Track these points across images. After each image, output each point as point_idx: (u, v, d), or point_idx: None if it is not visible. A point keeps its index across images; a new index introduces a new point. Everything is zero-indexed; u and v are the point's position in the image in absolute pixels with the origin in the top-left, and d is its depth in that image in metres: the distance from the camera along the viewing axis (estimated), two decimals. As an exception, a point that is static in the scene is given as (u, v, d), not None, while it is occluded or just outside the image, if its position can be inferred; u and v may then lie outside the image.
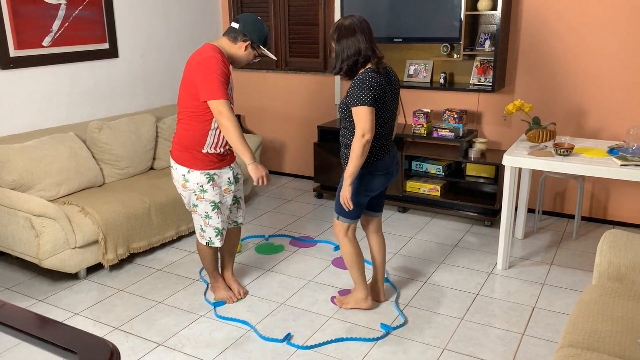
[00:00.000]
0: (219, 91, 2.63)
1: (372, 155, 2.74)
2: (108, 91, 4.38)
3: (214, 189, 2.87)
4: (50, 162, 3.55)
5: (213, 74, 2.63)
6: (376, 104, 2.62)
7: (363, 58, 2.66)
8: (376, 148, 2.75)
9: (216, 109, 2.65)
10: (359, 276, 2.98)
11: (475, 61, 4.29)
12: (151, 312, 3.08)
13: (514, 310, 3.04)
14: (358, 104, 2.59)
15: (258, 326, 2.92)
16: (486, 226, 4.21)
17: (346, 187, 2.69)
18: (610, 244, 2.46)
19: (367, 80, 2.60)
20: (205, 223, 2.94)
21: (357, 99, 2.59)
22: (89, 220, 3.34)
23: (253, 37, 2.82)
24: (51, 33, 3.90)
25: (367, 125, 2.58)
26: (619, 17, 3.81)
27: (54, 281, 3.42)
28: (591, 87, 4.01)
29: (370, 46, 2.67)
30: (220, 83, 2.64)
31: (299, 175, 5.41)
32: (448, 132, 4.22)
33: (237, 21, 2.82)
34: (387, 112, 2.73)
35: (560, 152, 3.25)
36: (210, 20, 5.27)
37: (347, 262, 2.96)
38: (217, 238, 2.98)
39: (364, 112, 2.58)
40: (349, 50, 2.65)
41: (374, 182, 2.80)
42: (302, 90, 5.20)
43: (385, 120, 2.74)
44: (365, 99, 2.57)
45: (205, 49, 2.74)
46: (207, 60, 2.66)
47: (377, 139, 2.74)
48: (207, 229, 2.96)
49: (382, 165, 2.79)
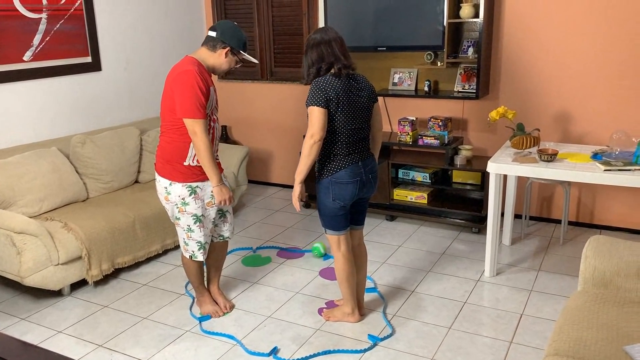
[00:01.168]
0: (195, 110, 2.64)
1: (335, 164, 2.74)
2: (91, 105, 4.34)
3: (196, 202, 2.84)
4: (32, 177, 3.51)
5: (188, 91, 2.63)
6: (330, 107, 2.65)
7: (326, 65, 2.70)
8: (340, 156, 2.74)
9: (191, 128, 2.67)
10: (348, 292, 2.95)
11: (459, 68, 4.30)
12: (136, 328, 3.04)
13: (502, 318, 3.03)
14: (309, 104, 2.65)
15: (244, 340, 2.88)
16: (474, 233, 4.20)
17: (295, 186, 2.76)
18: (595, 249, 2.46)
19: (321, 83, 2.66)
20: (188, 236, 2.91)
21: (309, 99, 2.65)
22: (72, 236, 3.30)
23: (232, 43, 2.78)
24: (32, 47, 3.87)
25: (316, 125, 2.62)
26: (601, 24, 3.83)
27: (37, 299, 3.37)
28: (574, 92, 4.02)
29: (333, 53, 2.70)
30: (196, 101, 2.63)
31: (287, 185, 5.39)
32: (434, 139, 4.22)
33: (214, 29, 2.79)
34: (350, 119, 2.71)
35: (544, 158, 3.26)
36: (194, 32, 5.25)
37: (338, 277, 2.94)
38: (200, 252, 2.95)
39: (314, 113, 2.63)
40: (313, 58, 2.72)
41: (344, 191, 2.76)
42: (288, 100, 5.19)
43: (350, 128, 2.72)
44: (316, 100, 2.62)
45: (183, 63, 2.73)
46: (183, 74, 2.65)
47: (341, 147, 2.73)
48: (190, 243, 2.93)
49: (347, 174, 2.74)
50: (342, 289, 2.97)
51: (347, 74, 2.72)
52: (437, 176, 4.43)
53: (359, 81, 2.79)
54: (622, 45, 3.80)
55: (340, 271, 2.90)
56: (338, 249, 2.88)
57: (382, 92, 4.45)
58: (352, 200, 2.83)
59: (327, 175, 2.76)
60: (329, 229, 2.86)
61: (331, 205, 2.79)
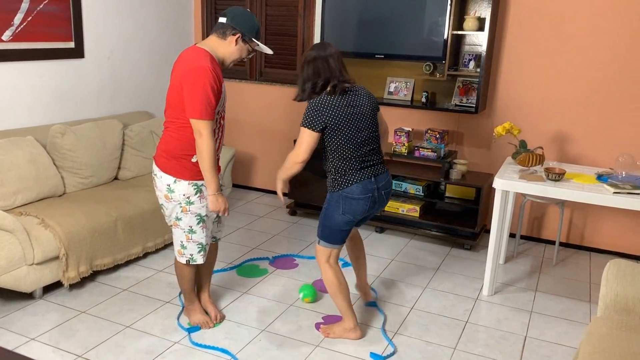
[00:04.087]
0: (203, 111, 2.46)
1: (347, 178, 2.65)
2: (72, 93, 4.05)
3: (201, 201, 2.64)
4: (6, 168, 3.21)
5: (200, 91, 2.44)
6: (327, 128, 2.59)
7: (322, 80, 2.64)
8: (352, 171, 2.65)
9: (197, 128, 2.48)
10: (344, 305, 2.80)
11: (458, 82, 4.23)
12: (118, 338, 2.78)
13: (506, 340, 2.93)
14: (302, 125, 2.60)
15: (239, 355, 2.68)
16: (466, 249, 4.12)
17: (277, 183, 2.74)
18: (616, 274, 2.38)
19: (318, 104, 2.59)
20: (188, 238, 2.69)
21: (304, 120, 2.60)
22: (49, 234, 3.02)
23: (243, 30, 2.57)
24: (12, 27, 3.57)
25: (303, 148, 2.59)
26: (604, 44, 3.83)
27: (4, 301, 3.07)
28: (573, 112, 4.01)
29: (329, 68, 2.63)
30: (206, 102, 2.45)
31: (271, 191, 5.19)
32: (430, 152, 4.12)
33: (225, 15, 2.58)
34: (356, 132, 2.64)
35: (552, 177, 3.19)
36: (183, 23, 5.02)
37: (330, 291, 2.79)
38: (200, 254, 2.74)
39: (304, 135, 2.59)
40: (309, 74, 2.66)
41: (355, 206, 2.67)
42: (277, 103, 5.01)
43: (357, 142, 2.64)
44: (310, 123, 2.58)
45: (197, 56, 2.51)
46: (197, 71, 2.45)
47: (351, 162, 2.65)
48: (189, 245, 2.70)
49: (359, 189, 2.65)
50: (337, 304, 2.82)
51: (342, 90, 2.64)
52: (430, 189, 4.33)
53: (359, 93, 2.71)
54: (624, 67, 3.80)
55: (331, 284, 2.76)
56: (326, 261, 2.76)
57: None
58: (362, 216, 2.72)
59: (339, 189, 2.67)
60: (325, 241, 2.75)
61: (339, 219, 2.69)
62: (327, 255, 2.76)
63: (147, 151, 4.11)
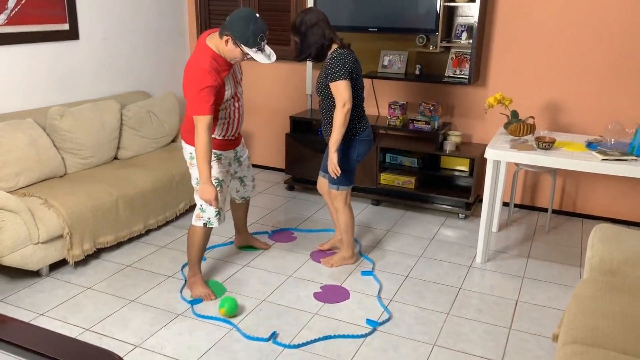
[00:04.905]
0: (199, 108, 2.68)
1: (360, 124, 3.14)
2: (68, 75, 4.09)
3: (219, 166, 2.96)
4: (7, 150, 3.28)
5: (195, 91, 2.66)
6: (352, 76, 2.99)
7: (328, 41, 3.03)
8: (361, 117, 3.15)
9: (195, 123, 2.72)
10: (351, 238, 3.37)
11: (451, 53, 4.26)
12: (124, 312, 2.89)
13: (498, 305, 3.03)
14: (336, 79, 2.94)
15: (241, 325, 2.79)
16: (460, 219, 4.21)
17: (333, 154, 3.03)
18: (602, 238, 2.47)
19: (342, 56, 2.96)
20: None
21: (335, 75, 2.94)
22: (53, 214, 3.10)
23: (234, 33, 2.69)
24: (6, 10, 3.60)
25: (346, 95, 2.95)
26: (596, 13, 3.85)
27: (12, 279, 3.18)
28: (564, 81, 4.05)
29: (330, 30, 3.04)
30: (200, 100, 2.66)
31: (268, 167, 5.27)
32: (424, 124, 4.18)
33: (230, 14, 2.75)
34: (361, 84, 3.13)
35: (542, 145, 3.26)
36: (176, 3, 5.02)
37: (345, 226, 3.31)
38: (216, 218, 2.97)
39: (343, 86, 2.94)
40: (315, 37, 3.00)
41: (365, 148, 3.18)
42: (272, 79, 5.05)
43: (362, 93, 3.15)
44: (342, 74, 2.94)
45: (201, 55, 2.72)
46: (194, 73, 2.69)
47: (359, 109, 3.13)
48: (208, 209, 2.93)
49: (369, 132, 3.19)
50: (346, 237, 3.35)
51: (348, 45, 3.07)
52: (424, 161, 4.40)
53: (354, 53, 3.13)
54: (616, 36, 3.83)
55: (348, 220, 3.29)
56: (345, 203, 3.27)
57: (370, 74, 4.37)
58: (364, 157, 3.23)
59: (355, 134, 3.14)
60: (343, 185, 3.21)
61: (353, 162, 3.18)
62: (346, 197, 3.25)
63: (145, 130, 4.17)
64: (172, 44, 5.05)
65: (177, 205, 3.97)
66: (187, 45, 5.25)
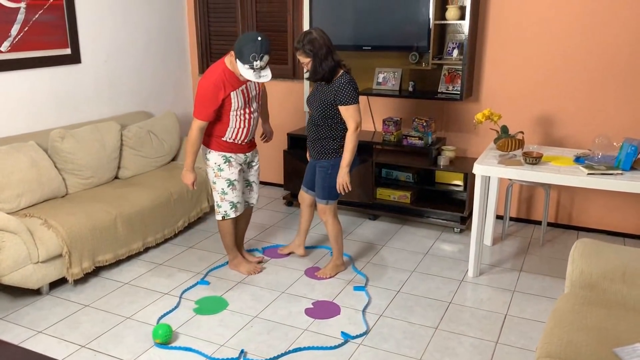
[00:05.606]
0: (199, 112, 3.19)
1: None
2: (70, 98, 4.23)
3: (229, 168, 3.33)
4: (9, 172, 3.40)
5: (200, 96, 3.17)
6: None
7: (334, 62, 3.20)
8: None
9: (192, 123, 3.23)
10: (340, 246, 3.56)
11: (443, 70, 4.33)
12: (119, 329, 2.97)
13: (487, 319, 3.07)
14: (350, 103, 3.17)
15: (231, 341, 2.85)
16: (456, 233, 4.25)
17: (345, 174, 3.25)
18: (582, 253, 2.51)
19: (353, 82, 3.22)
20: (222, 199, 3.37)
21: (348, 99, 3.17)
22: (52, 234, 3.21)
23: (234, 50, 3.05)
24: (9, 38, 3.74)
25: (359, 118, 3.20)
26: (584, 28, 3.90)
27: (14, 297, 3.28)
28: (556, 96, 4.10)
29: (334, 49, 3.21)
30: (200, 105, 3.17)
31: (265, 182, 5.35)
32: (418, 140, 4.24)
33: None
34: None
35: (529, 160, 3.30)
36: (176, 24, 5.17)
37: (334, 237, 3.50)
38: (232, 210, 3.38)
39: (355, 110, 3.19)
40: (327, 61, 3.17)
41: (354, 163, 3.36)
42: (270, 97, 5.12)
43: None
44: (355, 98, 3.19)
45: (214, 70, 3.17)
46: (204, 81, 3.16)
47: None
48: (223, 204, 3.37)
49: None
50: (337, 246, 3.54)
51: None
52: (420, 176, 4.46)
53: None
54: (605, 51, 3.88)
55: (337, 232, 3.50)
56: (334, 215, 3.47)
57: (366, 91, 4.45)
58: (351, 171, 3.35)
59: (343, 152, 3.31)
60: (332, 199, 3.41)
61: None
62: (334, 210, 3.45)
63: (145, 150, 4.28)
64: (173, 65, 5.18)
65: (176, 223, 4.07)
66: (188, 66, 5.38)
